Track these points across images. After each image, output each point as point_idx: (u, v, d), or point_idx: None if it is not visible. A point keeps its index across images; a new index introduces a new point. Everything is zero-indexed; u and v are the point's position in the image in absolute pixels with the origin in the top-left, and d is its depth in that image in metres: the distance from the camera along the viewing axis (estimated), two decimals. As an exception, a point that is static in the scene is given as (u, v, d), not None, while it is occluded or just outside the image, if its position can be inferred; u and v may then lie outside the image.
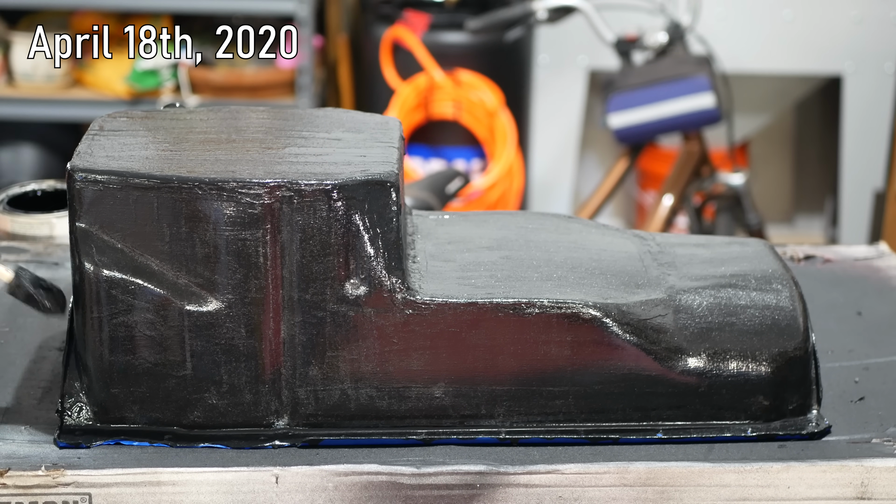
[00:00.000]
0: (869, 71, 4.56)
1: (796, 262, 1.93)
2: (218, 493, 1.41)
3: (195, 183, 1.41)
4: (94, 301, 1.43)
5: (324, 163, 1.45)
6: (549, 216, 1.68)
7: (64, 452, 1.44)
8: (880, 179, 4.52)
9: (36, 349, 1.63)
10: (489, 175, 4.30)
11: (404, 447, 1.46)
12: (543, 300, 1.45)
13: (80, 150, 1.46)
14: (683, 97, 3.55)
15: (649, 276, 1.54)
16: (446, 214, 1.65)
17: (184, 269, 1.42)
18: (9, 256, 1.86)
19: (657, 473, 1.44)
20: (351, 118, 1.59)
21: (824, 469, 1.44)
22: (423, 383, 1.46)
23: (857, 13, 4.50)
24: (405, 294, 1.44)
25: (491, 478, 1.43)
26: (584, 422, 1.48)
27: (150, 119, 1.56)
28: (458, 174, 3.08)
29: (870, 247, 1.98)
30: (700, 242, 1.66)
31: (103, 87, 4.42)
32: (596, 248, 1.59)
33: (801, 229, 5.14)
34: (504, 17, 3.75)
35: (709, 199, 3.77)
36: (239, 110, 1.60)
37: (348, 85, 4.72)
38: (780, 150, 5.12)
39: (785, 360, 1.49)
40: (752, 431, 1.49)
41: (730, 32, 4.43)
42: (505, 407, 1.47)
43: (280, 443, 1.46)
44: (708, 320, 1.50)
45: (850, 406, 1.56)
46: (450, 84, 4.30)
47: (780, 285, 1.54)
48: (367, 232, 1.42)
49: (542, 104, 4.63)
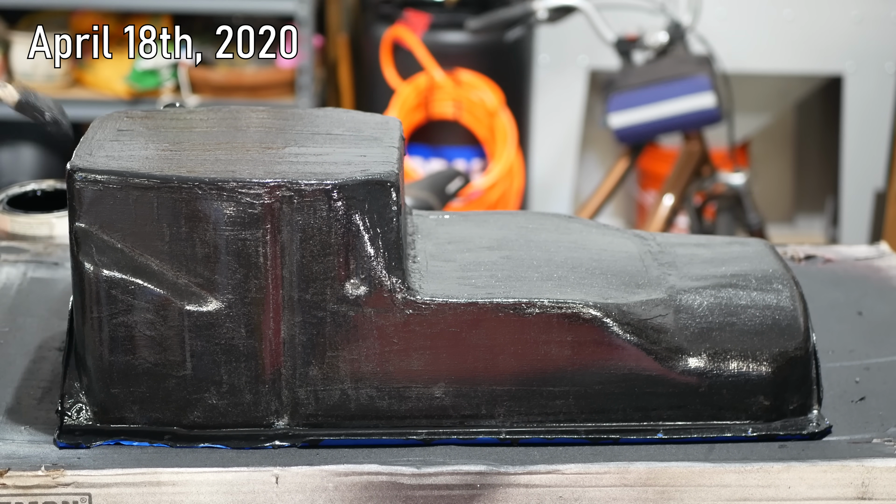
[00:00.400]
0: (869, 71, 4.56)
1: (797, 262, 1.93)
2: (218, 493, 1.41)
3: (195, 183, 1.40)
4: (94, 301, 1.42)
5: (324, 163, 1.45)
6: (549, 216, 1.67)
7: (64, 452, 1.44)
8: (881, 179, 4.52)
9: (35, 349, 1.63)
10: (489, 175, 4.30)
11: (404, 447, 1.46)
12: (544, 300, 1.45)
13: (80, 149, 1.46)
14: (684, 97, 3.55)
15: (650, 276, 1.54)
16: (446, 214, 1.65)
17: (184, 269, 1.42)
18: (8, 256, 1.85)
19: (658, 473, 1.43)
20: (351, 118, 1.58)
21: (825, 469, 1.44)
22: (424, 383, 1.46)
23: (857, 13, 4.50)
24: (405, 294, 1.44)
25: (491, 478, 1.43)
26: (584, 422, 1.48)
27: (150, 119, 1.56)
28: (458, 174, 3.08)
29: (870, 247, 1.97)
30: (700, 242, 1.66)
31: (103, 87, 4.42)
32: (596, 247, 1.59)
33: (801, 229, 5.13)
34: (504, 17, 3.75)
35: (709, 199, 3.77)
36: (239, 110, 1.60)
37: (348, 85, 4.72)
38: (780, 150, 5.12)
39: (786, 360, 1.49)
40: (752, 431, 1.49)
41: (730, 32, 4.43)
42: (505, 407, 1.47)
43: (280, 443, 1.46)
44: (708, 320, 1.50)
45: (851, 406, 1.56)
46: (450, 84, 4.30)
47: (780, 285, 1.54)
48: (368, 232, 1.42)
49: (542, 104, 4.63)
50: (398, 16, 4.41)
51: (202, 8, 4.37)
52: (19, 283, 1.79)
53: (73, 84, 4.46)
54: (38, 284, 1.79)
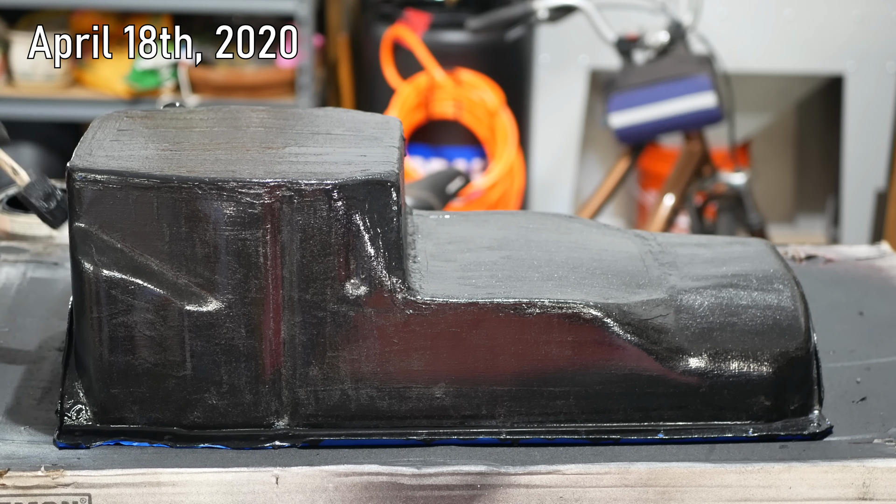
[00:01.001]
0: (870, 70, 4.55)
1: (798, 262, 1.93)
2: (218, 493, 1.41)
3: (195, 183, 1.40)
4: (94, 301, 1.42)
5: (324, 162, 1.45)
6: (549, 216, 1.67)
7: (63, 453, 1.43)
8: (882, 179, 4.52)
9: (35, 349, 1.63)
10: (490, 175, 4.29)
11: (405, 447, 1.46)
12: (544, 300, 1.45)
13: (80, 149, 1.46)
14: (685, 96, 3.54)
15: (650, 276, 1.54)
16: (447, 214, 1.65)
17: (184, 269, 1.42)
18: (8, 256, 1.85)
19: (658, 474, 1.43)
20: (351, 118, 1.58)
21: (826, 469, 1.44)
22: (424, 383, 1.46)
23: (858, 12, 4.49)
24: (406, 294, 1.44)
25: (492, 478, 1.42)
26: (585, 422, 1.48)
27: (150, 119, 1.56)
28: (458, 174, 3.07)
29: (871, 247, 1.97)
30: (701, 242, 1.66)
31: (103, 87, 4.42)
32: (597, 247, 1.59)
33: (802, 229, 5.13)
34: (505, 17, 3.75)
35: (710, 199, 3.77)
36: (239, 110, 1.60)
37: (348, 84, 4.72)
38: (781, 150, 5.11)
39: (786, 361, 1.49)
40: (753, 432, 1.49)
41: (731, 32, 4.42)
42: (506, 407, 1.47)
43: (280, 443, 1.46)
44: (709, 320, 1.50)
45: (852, 406, 1.56)
46: (450, 83, 4.30)
47: (781, 285, 1.54)
48: (368, 232, 1.42)
49: (542, 104, 4.63)
50: (398, 15, 4.40)
51: (202, 8, 4.37)
52: (19, 283, 1.79)
53: (72, 84, 4.45)
54: (37, 284, 1.79)
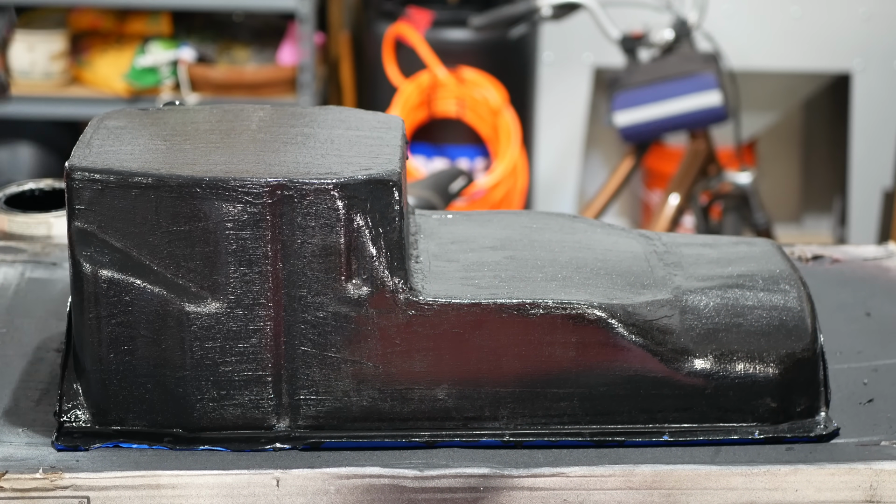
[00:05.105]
0: (878, 68, 4.55)
1: (804, 262, 1.92)
2: (218, 496, 1.40)
3: (195, 182, 1.40)
4: (93, 301, 1.42)
5: (325, 162, 1.44)
6: (553, 215, 1.67)
7: (62, 455, 1.43)
8: (889, 178, 4.51)
9: (33, 350, 1.63)
10: (493, 174, 4.29)
11: (407, 449, 1.46)
12: (548, 301, 1.44)
13: (78, 148, 1.45)
14: (690, 95, 3.54)
15: (655, 277, 1.53)
16: (449, 214, 1.65)
17: (183, 269, 1.41)
18: (6, 256, 1.85)
19: (663, 476, 1.43)
20: (353, 116, 1.58)
21: (833, 472, 1.44)
22: (426, 385, 1.45)
23: (865, 10, 4.49)
24: (408, 295, 1.43)
25: (495, 481, 1.42)
26: (589, 424, 1.47)
27: (150, 117, 1.56)
28: (461, 173, 3.07)
29: (879, 247, 1.97)
30: (707, 242, 1.65)
31: (102, 85, 4.41)
32: (601, 247, 1.58)
33: (809, 229, 5.13)
34: (508, 14, 3.74)
35: (715, 199, 3.76)
36: (239, 108, 1.59)
37: (350, 83, 4.72)
38: (787, 149, 5.11)
39: (793, 362, 1.49)
40: (759, 434, 1.48)
41: (737, 29, 4.42)
42: (509, 409, 1.46)
43: (281, 445, 1.45)
44: (715, 321, 1.49)
45: (859, 408, 1.56)
46: (453, 82, 4.30)
47: (787, 286, 1.54)
48: (370, 232, 1.41)
49: (546, 102, 4.63)
50: (401, 13, 4.40)
51: (202, 5, 4.36)
52: (17, 284, 1.79)
53: (71, 82, 4.45)
54: (35, 285, 1.79)
